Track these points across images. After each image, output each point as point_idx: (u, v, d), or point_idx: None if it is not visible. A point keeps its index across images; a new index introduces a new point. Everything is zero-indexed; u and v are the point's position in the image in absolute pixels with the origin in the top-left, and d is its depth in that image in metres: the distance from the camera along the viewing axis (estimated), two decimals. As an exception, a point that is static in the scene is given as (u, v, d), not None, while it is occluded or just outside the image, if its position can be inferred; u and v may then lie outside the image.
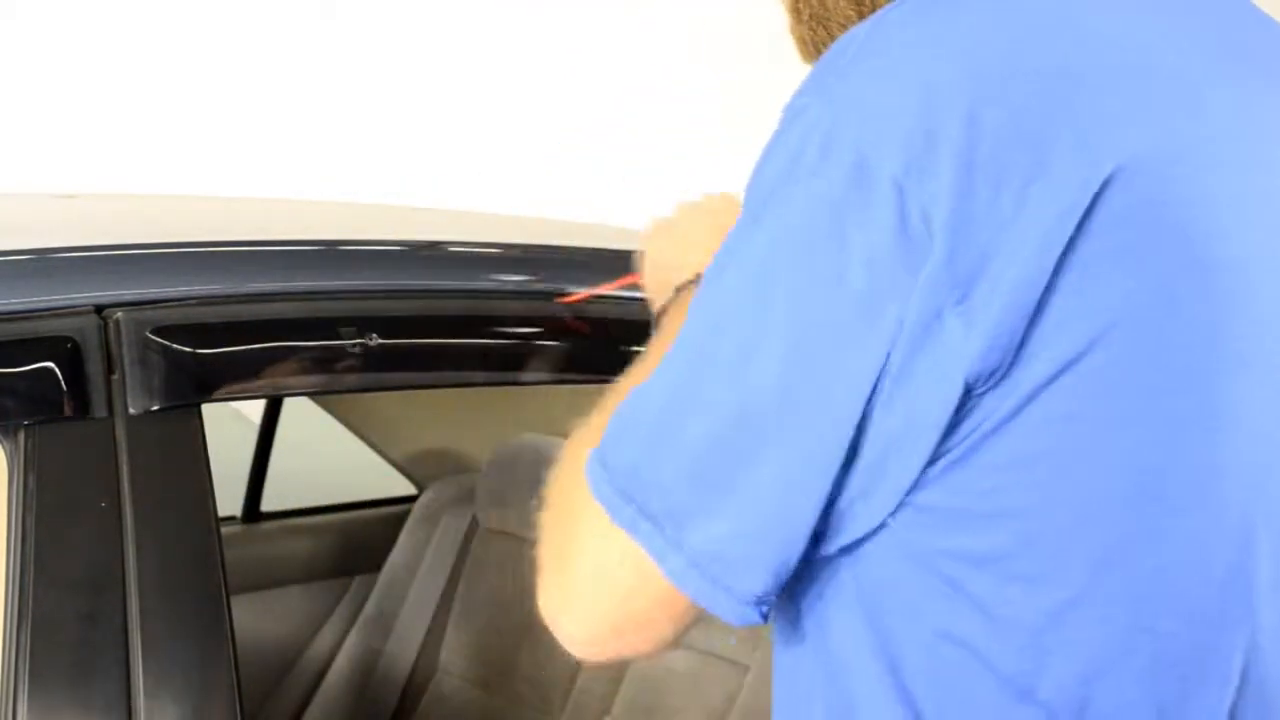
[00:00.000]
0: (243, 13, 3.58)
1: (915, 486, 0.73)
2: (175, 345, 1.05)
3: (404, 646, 2.42)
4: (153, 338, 1.04)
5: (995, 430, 0.72)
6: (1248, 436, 0.74)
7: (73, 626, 0.96)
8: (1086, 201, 0.69)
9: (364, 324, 1.12)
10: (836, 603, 0.79)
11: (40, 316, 1.03)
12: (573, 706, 2.18)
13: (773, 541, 0.73)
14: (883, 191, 0.70)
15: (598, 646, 0.79)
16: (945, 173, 0.69)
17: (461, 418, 2.64)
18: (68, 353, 1.01)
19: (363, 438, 2.59)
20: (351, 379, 1.15)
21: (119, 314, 1.04)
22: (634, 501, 0.75)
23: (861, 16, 0.87)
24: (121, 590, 0.98)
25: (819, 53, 0.88)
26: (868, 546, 0.76)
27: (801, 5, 0.92)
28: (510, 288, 1.24)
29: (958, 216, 0.69)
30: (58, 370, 1.01)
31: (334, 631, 2.52)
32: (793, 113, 0.76)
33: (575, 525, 0.79)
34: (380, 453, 2.62)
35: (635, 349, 1.29)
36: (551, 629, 0.80)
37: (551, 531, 0.81)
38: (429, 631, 2.41)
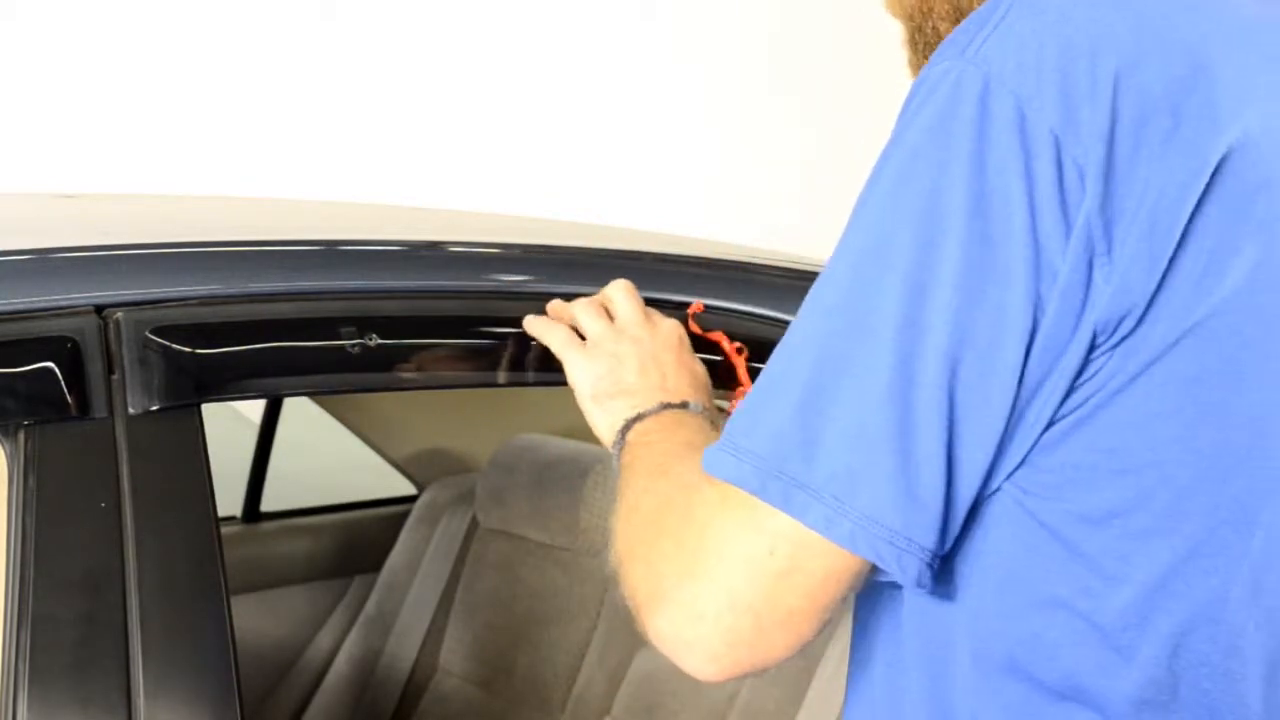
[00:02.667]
0: (243, 13, 3.58)
1: (1035, 445, 0.75)
2: (175, 345, 1.05)
3: (404, 646, 2.42)
4: (153, 338, 1.04)
5: (1121, 389, 0.74)
6: None
7: (73, 626, 0.96)
8: (1209, 170, 0.72)
9: (364, 324, 1.12)
10: (946, 566, 0.79)
11: (40, 316, 1.03)
12: (573, 706, 2.18)
13: (945, 497, 0.74)
14: (1042, 143, 0.72)
15: (735, 657, 0.77)
16: (1095, 127, 0.72)
17: (461, 418, 2.64)
18: (68, 353, 1.01)
19: (363, 438, 2.59)
20: (351, 379, 1.15)
21: (119, 314, 1.04)
22: (784, 476, 0.74)
23: None
24: (121, 590, 0.98)
25: None
26: (982, 506, 0.77)
27: (920, 40, 0.96)
28: (510, 288, 1.24)
29: (1106, 171, 0.71)
30: (58, 370, 1.01)
31: (334, 631, 2.52)
32: (934, 79, 0.77)
33: (693, 532, 0.77)
34: (380, 453, 2.62)
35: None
36: (675, 653, 0.78)
37: (652, 553, 0.80)
38: (429, 631, 2.41)
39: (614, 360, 1.09)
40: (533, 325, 1.17)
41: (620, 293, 1.15)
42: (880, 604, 0.87)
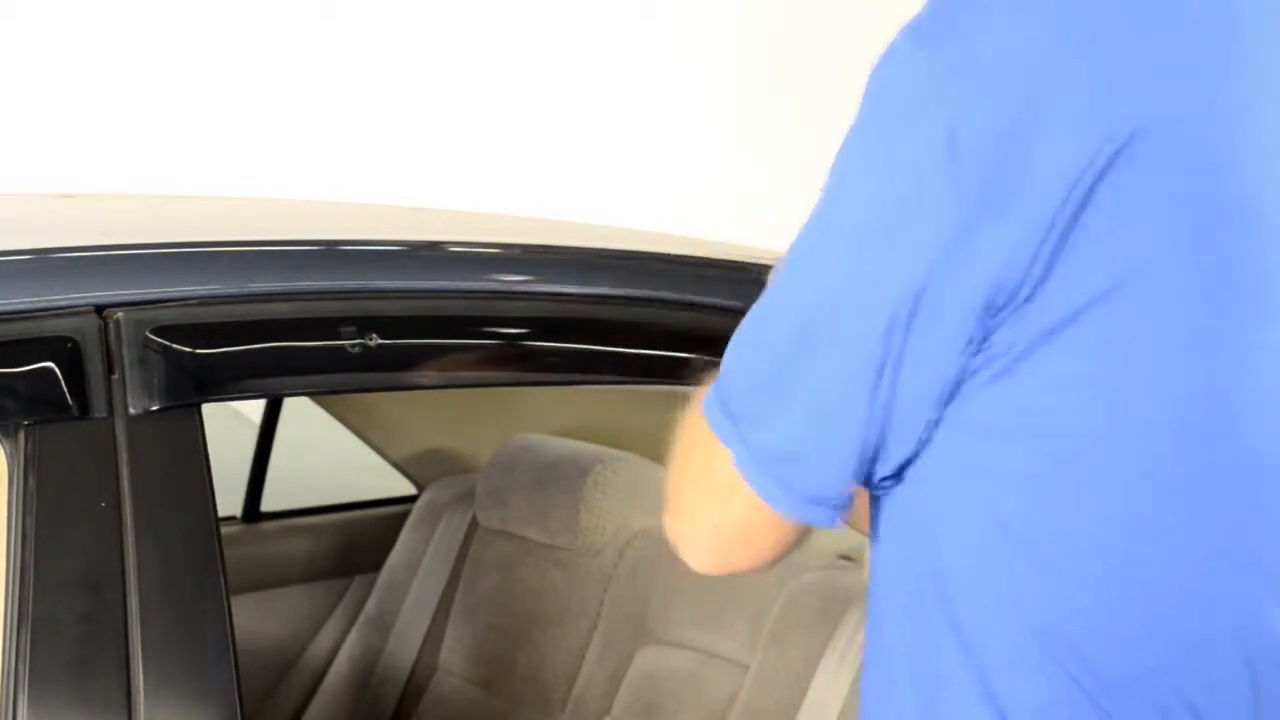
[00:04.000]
0: (243, 13, 3.57)
1: (958, 400, 0.79)
2: (175, 345, 1.05)
3: (404, 646, 2.42)
4: (153, 338, 1.04)
5: (1028, 352, 0.77)
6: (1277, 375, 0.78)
7: (73, 626, 0.96)
8: (1111, 150, 0.74)
9: (364, 324, 1.12)
10: (906, 534, 0.85)
11: (40, 316, 1.03)
12: (573, 706, 2.18)
13: (824, 446, 0.81)
14: (935, 111, 0.77)
15: (710, 558, 0.88)
16: (988, 104, 0.75)
17: (461, 418, 2.64)
18: (68, 353, 1.01)
19: (363, 438, 2.59)
20: (351, 379, 1.15)
21: (119, 314, 1.04)
22: (725, 406, 0.83)
23: None
24: (121, 590, 0.98)
25: None
26: (924, 468, 0.82)
27: None
28: (510, 288, 1.24)
29: (997, 139, 0.75)
30: (58, 370, 1.01)
31: (334, 631, 2.52)
32: (878, 65, 0.84)
33: (690, 449, 0.88)
34: (380, 453, 2.62)
35: (634, 350, 1.29)
36: (677, 548, 0.89)
37: (672, 465, 0.90)
38: (429, 631, 2.41)
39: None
40: None
41: None
42: (877, 550, 0.90)
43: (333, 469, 2.80)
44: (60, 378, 1.01)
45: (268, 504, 2.55)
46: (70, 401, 1.00)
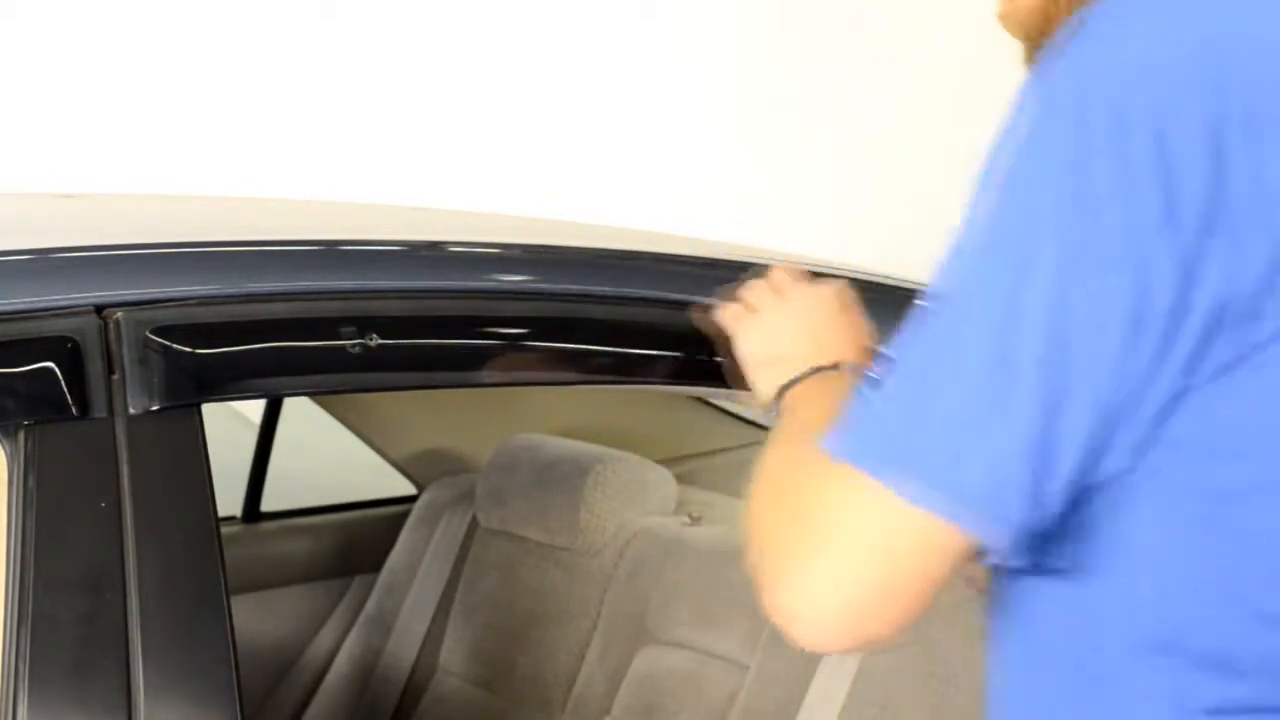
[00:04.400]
0: (243, 13, 3.57)
1: (1165, 418, 0.77)
2: (175, 345, 1.05)
3: (404, 646, 2.42)
4: (153, 338, 1.04)
5: (1238, 363, 0.76)
6: None
7: (73, 626, 0.96)
8: None
9: (364, 324, 1.12)
10: (1088, 553, 0.82)
11: (40, 316, 1.03)
12: (573, 706, 2.18)
13: (1041, 475, 0.77)
14: (1142, 133, 0.74)
15: (849, 631, 0.80)
16: (1201, 118, 0.74)
17: (461, 418, 2.65)
18: (68, 353, 1.01)
19: (363, 438, 2.59)
20: (351, 379, 1.15)
21: (119, 314, 1.04)
22: (892, 456, 0.78)
23: None
24: (121, 590, 0.98)
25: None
26: (1118, 489, 0.80)
27: (1038, 57, 0.97)
28: (510, 288, 1.24)
29: (1214, 158, 0.74)
30: (58, 370, 1.01)
31: (334, 631, 2.52)
32: (1045, 73, 0.80)
33: (813, 510, 0.81)
34: (380, 453, 2.62)
35: (634, 350, 1.29)
36: (792, 626, 0.82)
37: (775, 528, 0.84)
38: (429, 631, 2.41)
39: (770, 329, 1.15)
40: (714, 310, 1.22)
41: (781, 270, 1.21)
42: (1017, 602, 0.88)
43: (333, 469, 2.80)
44: (60, 378, 1.01)
45: (268, 504, 2.55)
46: (70, 401, 1.00)
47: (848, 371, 1.08)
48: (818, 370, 1.08)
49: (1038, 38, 0.97)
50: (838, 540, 0.79)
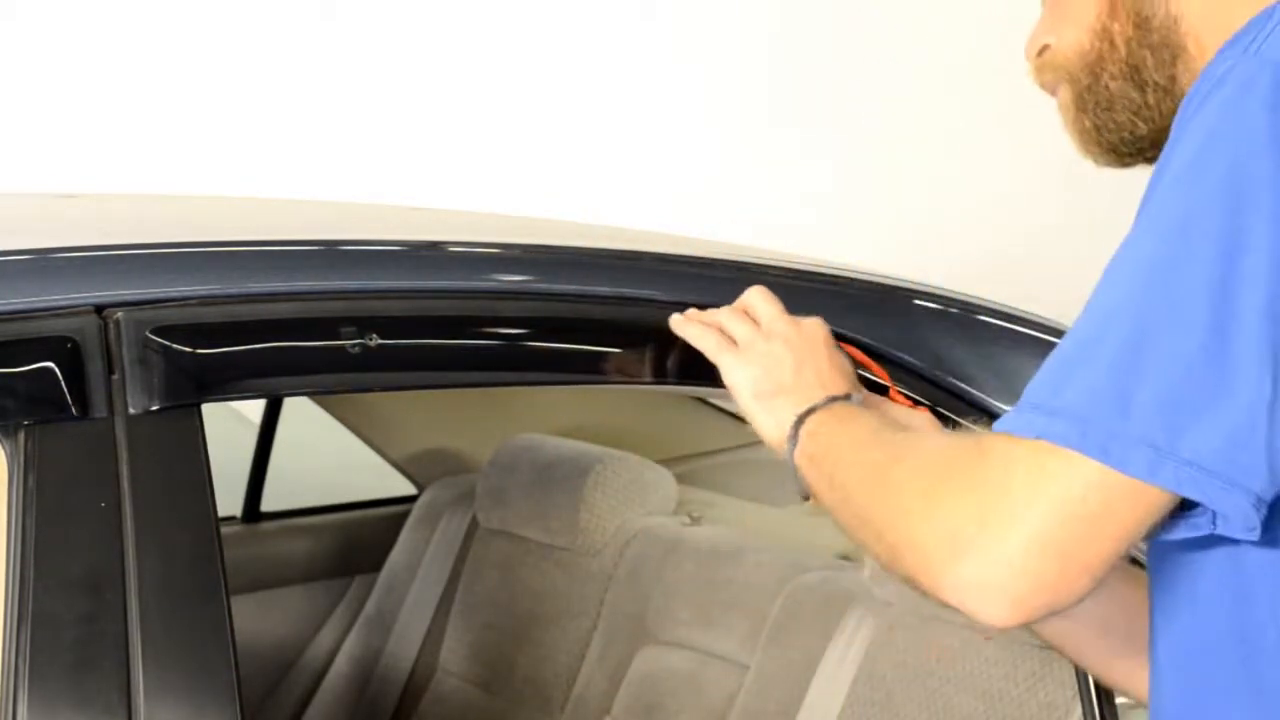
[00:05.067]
0: (243, 13, 3.57)
1: None
2: (175, 345, 1.05)
3: (404, 646, 2.42)
4: (153, 338, 1.04)
5: None
6: None
7: (73, 626, 0.96)
8: None
9: (364, 324, 1.12)
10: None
11: (40, 316, 1.03)
12: (573, 706, 2.18)
13: (1267, 443, 0.79)
14: None
15: (1036, 601, 0.82)
16: None
17: (461, 418, 2.65)
18: (68, 353, 1.01)
19: (363, 438, 2.59)
20: (351, 379, 1.15)
21: (119, 314, 1.04)
22: (1102, 429, 0.80)
23: (1143, 97, 0.96)
24: (121, 590, 0.98)
25: (1101, 137, 0.99)
26: None
27: (1089, 99, 0.99)
28: (510, 288, 1.24)
29: None
30: (58, 370, 1.01)
31: (334, 631, 2.52)
32: (1220, 74, 0.82)
33: (993, 483, 0.83)
34: (380, 453, 2.62)
35: (633, 350, 1.29)
36: (978, 599, 0.83)
37: (935, 509, 0.85)
38: (429, 631, 2.41)
39: (769, 360, 1.13)
40: (681, 328, 1.19)
41: (759, 297, 1.18)
42: (1181, 587, 0.90)
43: (333, 469, 2.80)
44: (60, 378, 1.00)
45: (268, 504, 2.55)
46: (70, 401, 1.00)
47: (859, 404, 1.09)
48: (833, 400, 1.07)
49: (1088, 79, 0.98)
50: (1035, 507, 0.81)
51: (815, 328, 1.16)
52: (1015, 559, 0.81)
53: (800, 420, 1.06)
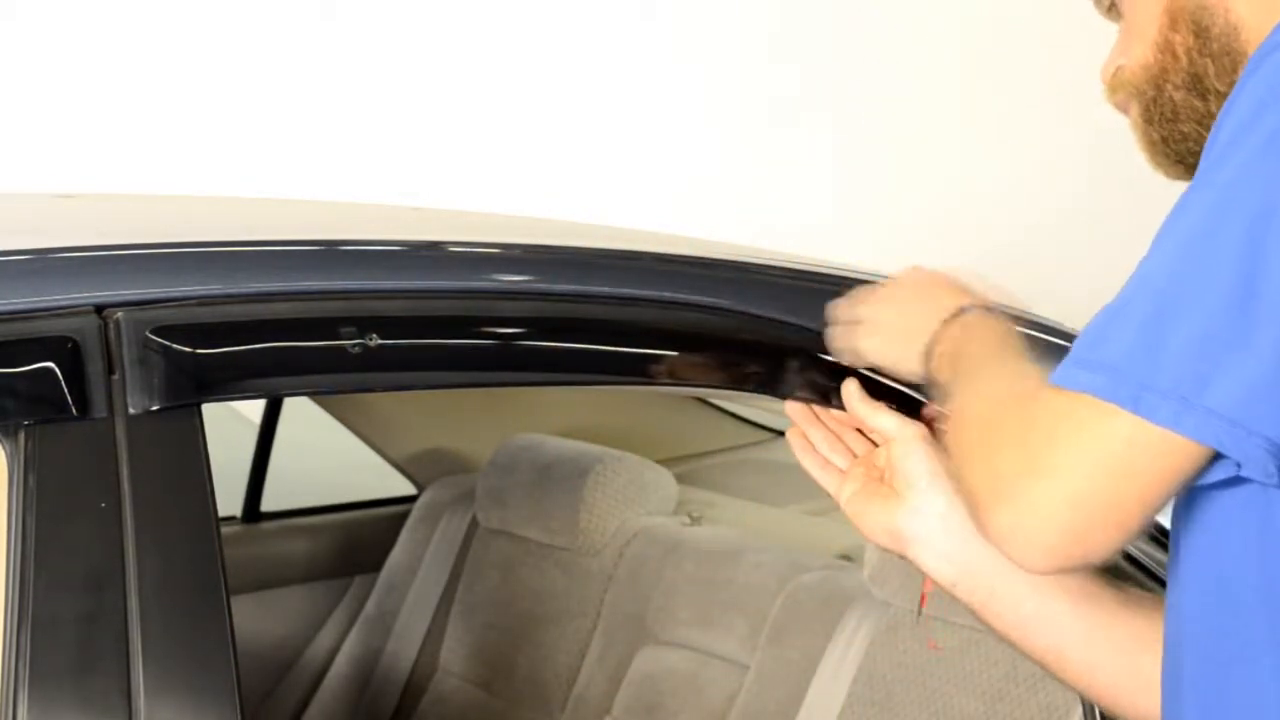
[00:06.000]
0: (243, 13, 3.57)
1: None
2: (175, 345, 1.05)
3: (404, 646, 2.42)
4: (153, 338, 1.04)
5: None
6: None
7: (73, 626, 0.96)
8: None
9: (364, 324, 1.12)
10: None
11: (40, 316, 1.03)
12: (573, 706, 2.18)
13: None
14: None
15: (1068, 551, 0.86)
16: None
17: (461, 418, 2.65)
18: (68, 353, 1.01)
19: (363, 438, 2.59)
20: (351, 379, 1.15)
21: (119, 314, 1.04)
22: (1133, 380, 0.83)
23: (1207, 106, 0.98)
24: (121, 590, 0.98)
25: (1169, 149, 1.01)
26: None
27: (1155, 111, 1.01)
28: (510, 288, 1.24)
29: None
30: (58, 370, 1.01)
31: (334, 631, 2.52)
32: (1263, 54, 0.85)
33: (1038, 434, 0.86)
34: (380, 453, 2.62)
35: (634, 350, 1.29)
36: (1011, 544, 0.87)
37: (993, 454, 0.89)
38: (429, 631, 2.41)
39: (885, 314, 1.21)
40: (830, 336, 1.27)
41: (864, 288, 1.26)
42: (1207, 539, 0.91)
43: (333, 469, 2.80)
44: (60, 378, 1.00)
45: (268, 504, 2.55)
46: (70, 401, 1.00)
47: (985, 310, 1.14)
48: (960, 312, 1.13)
49: (1152, 92, 1.00)
50: (1072, 459, 0.84)
51: (914, 270, 1.23)
52: (1048, 509, 0.85)
53: (934, 344, 1.12)
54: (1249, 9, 0.95)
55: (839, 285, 1.38)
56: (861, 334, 1.22)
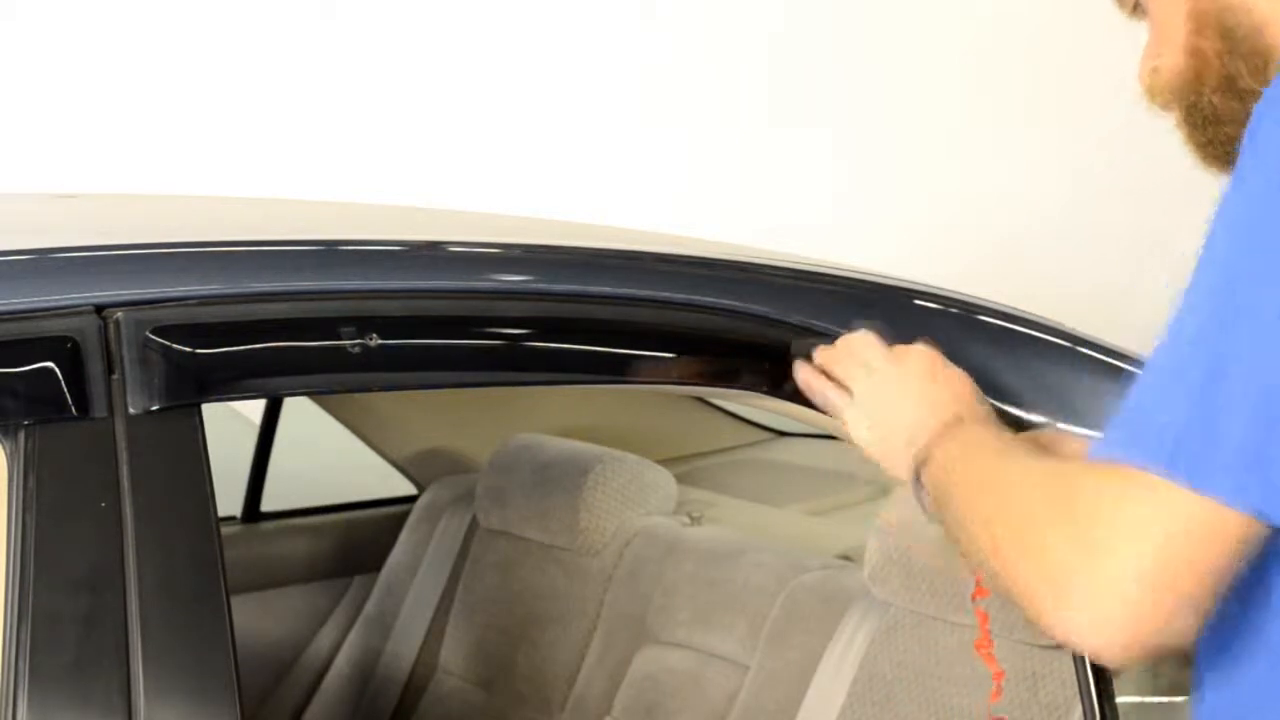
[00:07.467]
0: (242, 12, 3.57)
1: None
2: (175, 345, 1.05)
3: (404, 646, 2.42)
4: (153, 338, 1.04)
5: None
6: None
7: (73, 626, 0.96)
8: None
9: (364, 324, 1.12)
10: None
11: (40, 316, 1.03)
12: (573, 706, 2.18)
13: None
14: None
15: (1147, 636, 0.82)
16: None
17: (461, 418, 2.65)
18: (68, 353, 1.01)
19: (363, 438, 2.59)
20: (351, 379, 1.15)
21: (119, 314, 1.04)
22: (1189, 455, 0.80)
23: (1244, 107, 0.95)
24: (121, 590, 0.98)
25: (1216, 150, 0.98)
26: None
27: (1197, 116, 1.00)
28: (510, 288, 1.24)
29: None
30: (58, 370, 1.01)
31: (334, 631, 2.52)
32: (1274, 98, 0.83)
33: (1092, 518, 0.83)
34: (380, 453, 2.62)
35: (634, 350, 1.29)
36: (1087, 635, 0.83)
37: (1043, 546, 0.85)
38: (429, 631, 2.41)
39: (881, 402, 1.16)
40: (805, 378, 1.23)
41: (864, 344, 1.21)
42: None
43: (333, 469, 2.80)
44: (60, 378, 1.01)
45: (268, 504, 2.55)
46: (70, 401, 1.00)
47: (977, 421, 1.10)
48: (946, 428, 1.09)
49: (1191, 97, 0.99)
50: (1132, 538, 0.81)
51: (919, 357, 1.18)
52: (1115, 596, 0.81)
53: (919, 459, 1.09)
54: (1271, 6, 0.94)
55: (838, 285, 1.38)
56: (850, 414, 1.19)
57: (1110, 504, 0.82)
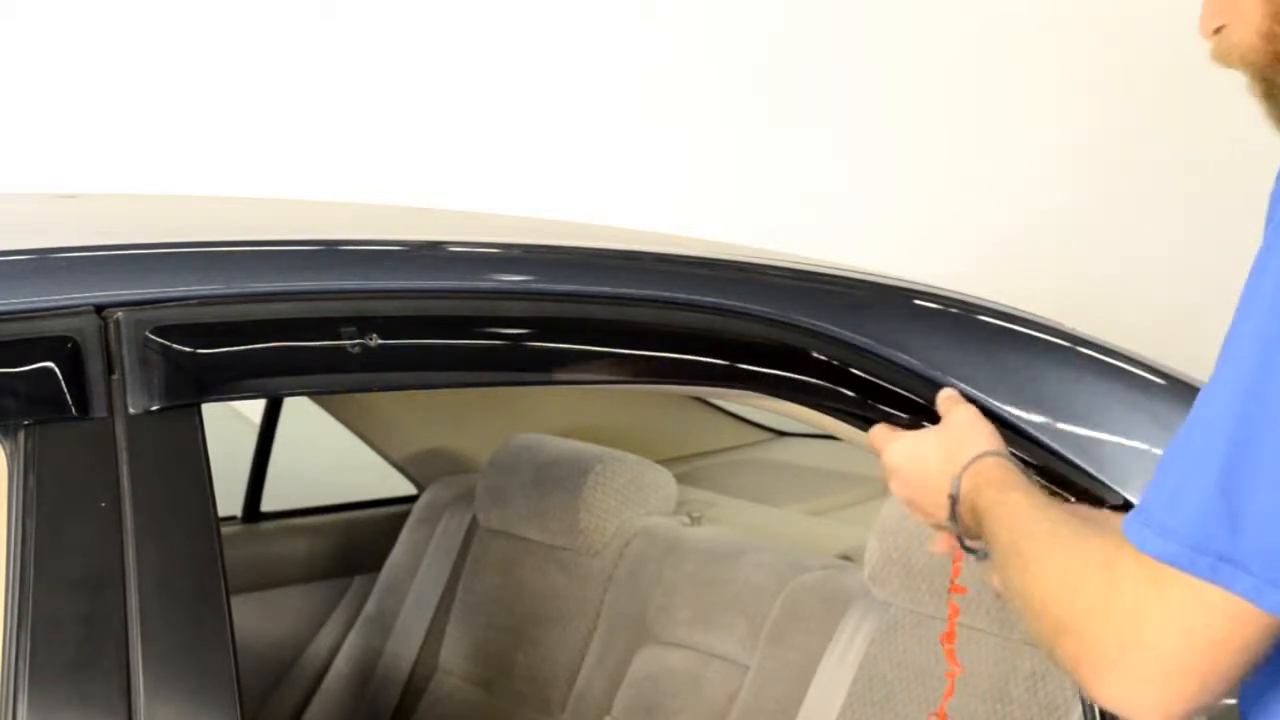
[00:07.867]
0: (242, 12, 3.58)
1: None
2: (175, 345, 1.05)
3: (404, 646, 2.42)
4: (153, 338, 1.04)
5: None
6: None
7: (73, 626, 0.96)
8: None
9: (364, 324, 1.12)
10: None
11: (40, 316, 1.03)
12: (573, 706, 2.18)
13: None
14: None
15: (1184, 710, 0.85)
16: None
17: (461, 418, 2.65)
18: (68, 353, 1.01)
19: (363, 438, 2.59)
20: (351, 379, 1.15)
21: (119, 314, 1.04)
22: (1211, 551, 0.81)
23: None
24: (121, 590, 0.98)
25: None
26: None
27: (1276, 94, 0.99)
28: (510, 288, 1.24)
29: None
30: (58, 370, 1.01)
31: (334, 631, 2.52)
32: None
33: (1127, 606, 0.85)
34: (380, 453, 2.62)
35: (634, 350, 1.29)
36: (1126, 712, 0.87)
37: (1084, 628, 0.88)
38: (429, 631, 2.41)
39: (905, 473, 1.22)
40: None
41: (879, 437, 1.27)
42: None
43: (333, 469, 2.80)
44: (60, 378, 1.01)
45: (268, 504, 2.55)
46: (70, 401, 1.00)
47: (995, 456, 1.13)
48: (975, 459, 1.12)
49: (1268, 73, 0.98)
50: (1163, 631, 0.83)
51: (956, 416, 1.22)
52: (1155, 679, 0.84)
53: (954, 501, 1.13)
54: None
55: (838, 285, 1.38)
56: (892, 483, 1.23)
57: (1139, 595, 0.84)
